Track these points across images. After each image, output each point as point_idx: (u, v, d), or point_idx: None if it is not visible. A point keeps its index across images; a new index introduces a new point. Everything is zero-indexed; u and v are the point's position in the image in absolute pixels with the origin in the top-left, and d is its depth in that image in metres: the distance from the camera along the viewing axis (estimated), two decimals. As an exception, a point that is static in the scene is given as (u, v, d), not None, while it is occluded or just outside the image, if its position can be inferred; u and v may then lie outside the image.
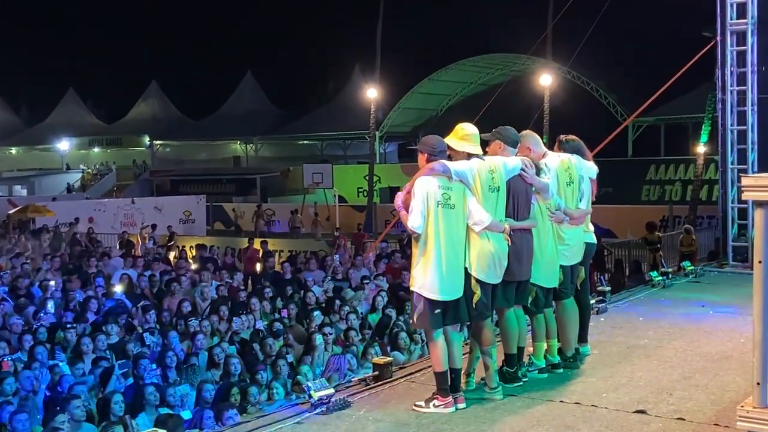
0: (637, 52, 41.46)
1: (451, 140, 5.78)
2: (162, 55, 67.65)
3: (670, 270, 11.33)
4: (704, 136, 22.69)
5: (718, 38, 12.51)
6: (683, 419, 5.35)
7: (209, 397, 7.99)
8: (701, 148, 23.51)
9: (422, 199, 5.47)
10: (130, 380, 8.63)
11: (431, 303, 5.51)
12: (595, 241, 6.94)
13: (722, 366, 6.59)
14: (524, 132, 6.60)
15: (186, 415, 7.85)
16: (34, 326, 10.84)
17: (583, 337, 6.88)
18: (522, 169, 5.95)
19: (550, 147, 6.74)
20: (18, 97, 64.49)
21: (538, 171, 6.17)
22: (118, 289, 13.73)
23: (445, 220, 5.50)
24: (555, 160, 6.41)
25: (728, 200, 12.48)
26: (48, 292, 13.15)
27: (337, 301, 11.74)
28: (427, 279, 5.50)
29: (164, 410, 7.73)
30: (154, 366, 8.82)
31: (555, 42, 33.62)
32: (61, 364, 9.08)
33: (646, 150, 37.16)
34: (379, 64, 35.22)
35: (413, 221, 5.46)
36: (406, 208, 5.55)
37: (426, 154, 5.65)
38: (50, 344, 9.83)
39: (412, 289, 5.67)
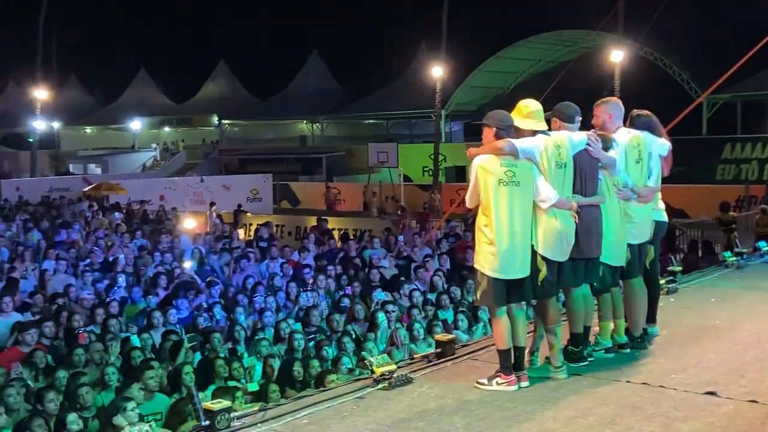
0: (713, 26, 40.08)
1: (515, 118, 5.69)
2: (230, 36, 68.45)
3: (744, 250, 10.97)
4: (783, 113, 21.90)
5: (800, 9, 11.99)
6: (756, 401, 5.18)
7: (273, 372, 8.12)
8: (780, 126, 22.72)
9: (477, 179, 5.49)
10: (198, 354, 8.81)
11: (493, 281, 5.46)
12: (665, 219, 6.76)
13: (798, 348, 6.37)
14: (609, 99, 6.48)
15: (252, 387, 8.00)
16: (107, 300, 11.16)
17: (651, 317, 6.73)
18: (588, 144, 5.82)
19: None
20: (92, 78, 66.22)
21: (608, 146, 6.03)
22: (188, 264, 14.03)
23: (508, 198, 5.43)
24: (625, 137, 6.26)
25: (807, 179, 12.01)
26: (119, 267, 13.51)
27: (401, 279, 11.76)
28: (488, 257, 5.45)
29: (232, 383, 7.88)
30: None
31: (626, 17, 32.75)
32: (132, 336, 9.34)
33: (721, 128, 36.04)
34: (445, 41, 34.85)
35: (467, 201, 5.67)
36: None
37: (494, 129, 5.56)
38: (122, 317, 10.13)
39: (475, 266, 5.63)
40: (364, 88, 53.36)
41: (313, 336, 9.45)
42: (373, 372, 5.73)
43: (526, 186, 5.51)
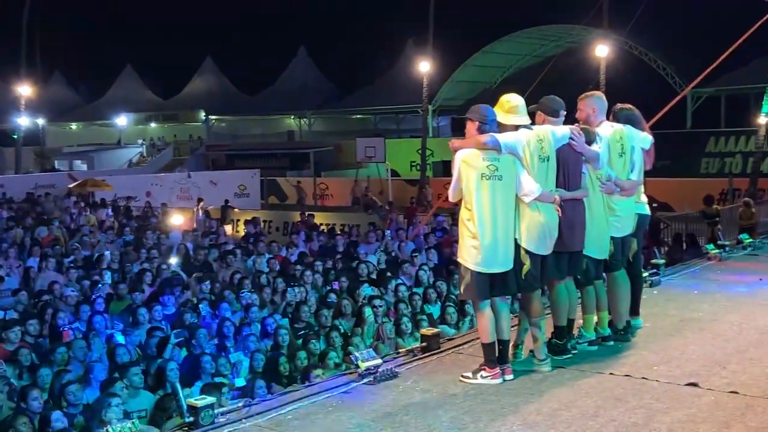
0: (697, 21, 40.25)
1: (497, 113, 5.70)
2: (217, 32, 68.10)
3: (727, 243, 11.06)
4: (766, 107, 22.06)
5: (782, 4, 12.07)
6: (736, 392, 5.24)
7: (259, 367, 8.12)
8: (762, 119, 22.85)
9: (459, 174, 5.50)
10: (184, 350, 8.78)
11: (476, 275, 5.48)
12: (648, 212, 6.81)
13: (779, 340, 6.43)
14: (593, 93, 6.48)
15: (239, 382, 8.00)
16: (92, 297, 11.11)
17: (635, 310, 6.79)
18: (571, 138, 5.84)
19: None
20: (77, 74, 65.74)
21: (591, 140, 6.05)
22: (174, 261, 13.99)
23: (490, 192, 5.45)
24: (608, 130, 6.29)
25: (790, 172, 12.09)
26: (105, 264, 13.44)
27: (388, 274, 11.77)
28: (471, 251, 5.48)
29: (219, 379, 7.87)
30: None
31: (611, 11, 32.82)
32: (116, 333, 9.30)
33: (705, 122, 36.22)
34: (432, 37, 34.82)
35: (450, 195, 5.65)
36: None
37: (477, 123, 5.58)
38: (107, 314, 10.08)
39: (458, 260, 5.66)
40: (352, 83, 53.28)
41: (303, 332, 9.45)
42: (358, 367, 5.75)
43: (508, 180, 5.52)
